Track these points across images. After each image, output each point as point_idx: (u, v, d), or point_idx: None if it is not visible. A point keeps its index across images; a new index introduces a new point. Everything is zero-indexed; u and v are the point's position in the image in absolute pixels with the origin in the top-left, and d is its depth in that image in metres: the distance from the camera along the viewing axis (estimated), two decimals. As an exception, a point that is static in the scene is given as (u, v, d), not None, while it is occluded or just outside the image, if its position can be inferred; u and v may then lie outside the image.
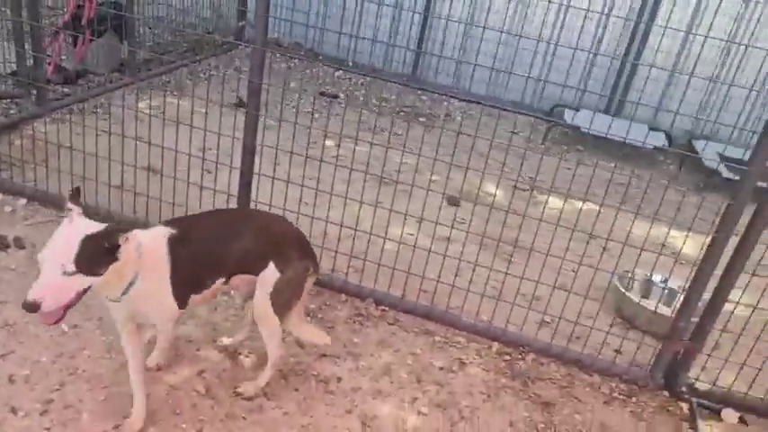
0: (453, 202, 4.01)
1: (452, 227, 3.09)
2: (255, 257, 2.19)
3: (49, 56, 4.60)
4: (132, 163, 3.20)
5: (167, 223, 2.13)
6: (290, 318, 2.32)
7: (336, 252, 3.05)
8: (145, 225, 3.10)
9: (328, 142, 4.07)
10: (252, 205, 3.00)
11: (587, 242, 2.89)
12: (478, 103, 5.92)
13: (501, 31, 5.31)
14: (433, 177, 3.15)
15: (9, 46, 4.30)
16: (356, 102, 5.69)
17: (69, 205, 1.83)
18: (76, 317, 2.56)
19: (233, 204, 3.07)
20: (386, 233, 3.03)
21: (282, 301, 2.24)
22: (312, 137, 3.78)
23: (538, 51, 6.05)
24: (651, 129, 5.33)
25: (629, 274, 3.32)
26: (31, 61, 4.15)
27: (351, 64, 6.66)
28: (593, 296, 3.03)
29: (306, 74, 6.23)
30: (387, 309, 3.01)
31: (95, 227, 1.78)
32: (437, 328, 2.97)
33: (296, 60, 6.49)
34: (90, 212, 1.94)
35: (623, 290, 3.32)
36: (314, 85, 5.94)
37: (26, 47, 4.05)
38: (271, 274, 2.19)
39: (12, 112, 4.20)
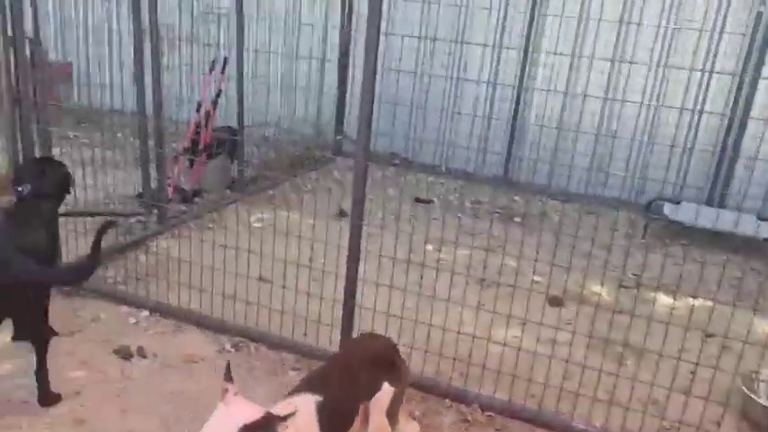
0: (557, 302, 3.93)
1: (558, 328, 3.02)
2: (372, 387, 2.24)
3: (169, 178, 5.08)
4: (244, 273, 3.42)
5: (308, 387, 2.11)
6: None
7: (440, 356, 3.04)
8: (258, 333, 3.27)
9: (428, 246, 4.16)
10: (357, 310, 3.07)
11: (704, 341, 2.74)
12: (568, 201, 5.89)
13: (595, 134, 5.34)
14: (535, 278, 3.14)
15: (136, 171, 4.82)
16: (451, 206, 5.81)
17: (225, 385, 1.78)
18: (194, 425, 2.66)
19: (338, 310, 3.15)
20: (489, 336, 3.01)
21: (395, 411, 2.28)
22: (413, 242, 3.89)
23: (633, 147, 6.02)
24: (761, 219, 5.08)
25: (755, 375, 3.08)
26: (155, 184, 4.62)
27: (444, 170, 6.87)
28: (716, 399, 2.81)
29: (401, 181, 6.47)
30: (493, 414, 2.93)
31: (251, 412, 1.71)
32: (546, 435, 2.84)
33: (391, 168, 6.78)
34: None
35: (749, 392, 3.07)
36: (410, 191, 6.15)
37: (150, 171, 4.54)
38: (385, 394, 2.23)
39: (137, 230, 4.61)
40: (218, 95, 5.29)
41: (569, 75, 6.34)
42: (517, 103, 6.57)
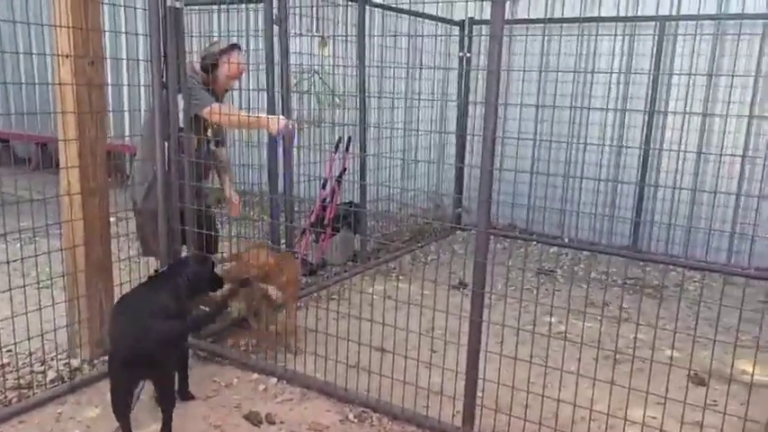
0: (700, 381, 3.60)
1: (705, 408, 2.75)
2: None
3: (296, 252, 5.33)
4: (366, 343, 3.47)
5: None
6: None
7: (571, 436, 2.87)
8: (380, 404, 3.27)
9: (552, 319, 4.02)
10: (479, 383, 2.99)
11: None
12: (715, 271, 5.47)
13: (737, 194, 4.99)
14: (674, 354, 2.91)
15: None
16: (576, 276, 5.60)
17: None
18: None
19: (460, 382, 3.08)
20: (626, 415, 2.80)
21: None
22: (535, 314, 3.77)
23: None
24: None
25: None
26: (284, 257, 4.87)
27: (566, 240, 6.68)
28: None
29: (522, 253, 6.36)
30: (635, 504, 2.69)
31: None
32: None
33: (509, 240, 6.69)
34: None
35: None
36: (531, 262, 6.01)
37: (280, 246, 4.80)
38: None
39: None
40: (342, 173, 5.56)
41: (700, 136, 6.05)
42: (644, 165, 6.31)
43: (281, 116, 3.99)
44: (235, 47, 3.99)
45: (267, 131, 4.05)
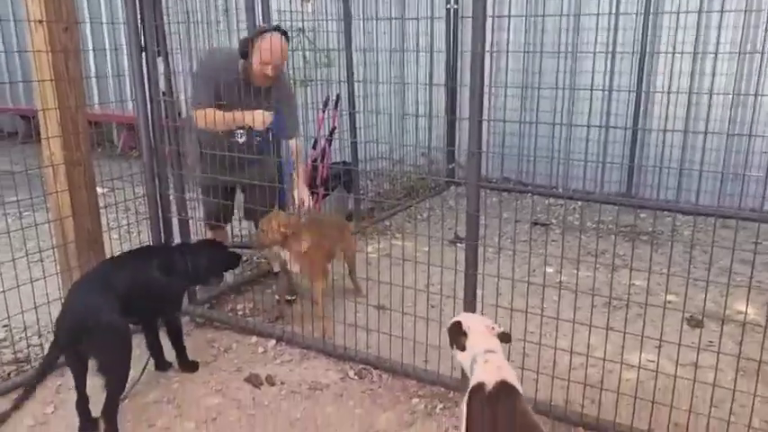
0: (697, 323, 3.63)
1: (701, 348, 2.77)
2: None
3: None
4: (364, 302, 3.48)
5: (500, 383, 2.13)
6: None
7: (569, 382, 2.89)
8: (380, 361, 3.29)
9: (548, 269, 4.02)
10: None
11: None
12: (709, 215, 5.46)
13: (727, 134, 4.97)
14: (669, 298, 2.91)
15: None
16: (571, 227, 5.59)
17: None
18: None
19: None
20: (621, 360, 2.82)
21: None
22: (531, 265, 3.77)
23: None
24: None
25: None
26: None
27: (561, 190, 6.65)
28: None
29: (517, 205, 6.34)
30: (633, 446, 2.72)
31: None
32: (697, 469, 2.60)
33: (505, 193, 6.66)
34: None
35: None
36: (526, 215, 6.00)
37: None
38: None
39: (261, 264, 4.84)
40: (332, 132, 5.49)
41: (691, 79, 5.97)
42: (636, 111, 6.24)
43: (260, 110, 3.60)
44: (265, 32, 3.56)
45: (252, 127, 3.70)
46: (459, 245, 4.64)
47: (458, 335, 2.33)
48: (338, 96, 5.38)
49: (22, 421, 2.89)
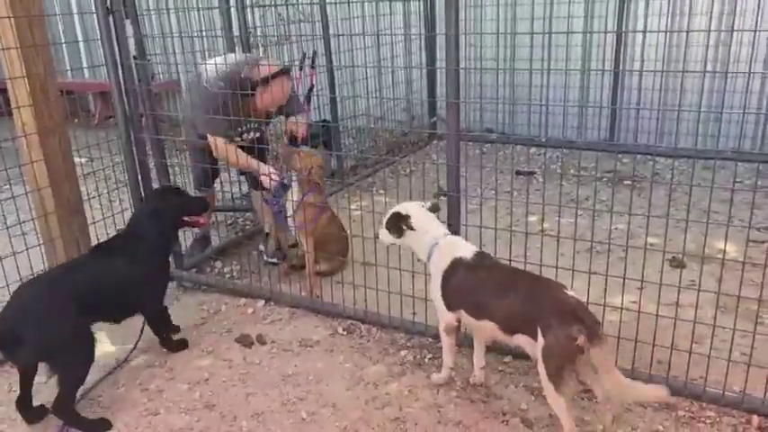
0: (677, 263, 3.69)
1: (682, 288, 2.83)
2: (522, 320, 2.33)
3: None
4: (349, 258, 3.49)
5: (478, 253, 2.63)
6: (566, 387, 2.26)
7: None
8: (368, 315, 3.32)
9: (531, 218, 4.04)
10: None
11: None
12: (690, 157, 5.50)
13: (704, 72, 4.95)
14: (650, 240, 2.95)
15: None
16: (554, 175, 5.61)
17: None
18: (312, 404, 2.76)
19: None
20: (604, 302, 2.87)
21: (552, 370, 2.24)
22: (515, 216, 3.79)
23: (752, 91, 5.54)
24: None
25: None
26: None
27: (544, 140, 6.64)
28: None
29: (500, 155, 6.34)
30: (617, 384, 2.79)
31: None
32: (678, 402, 2.67)
33: (488, 144, 6.65)
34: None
35: None
36: (509, 165, 6.00)
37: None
38: (538, 341, 2.26)
39: (248, 226, 4.83)
40: (310, 90, 5.40)
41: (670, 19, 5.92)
42: (617, 54, 6.19)
43: (271, 169, 3.81)
44: (274, 77, 3.66)
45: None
46: (442, 198, 4.65)
47: (401, 221, 2.71)
48: (315, 53, 5.28)
49: None
